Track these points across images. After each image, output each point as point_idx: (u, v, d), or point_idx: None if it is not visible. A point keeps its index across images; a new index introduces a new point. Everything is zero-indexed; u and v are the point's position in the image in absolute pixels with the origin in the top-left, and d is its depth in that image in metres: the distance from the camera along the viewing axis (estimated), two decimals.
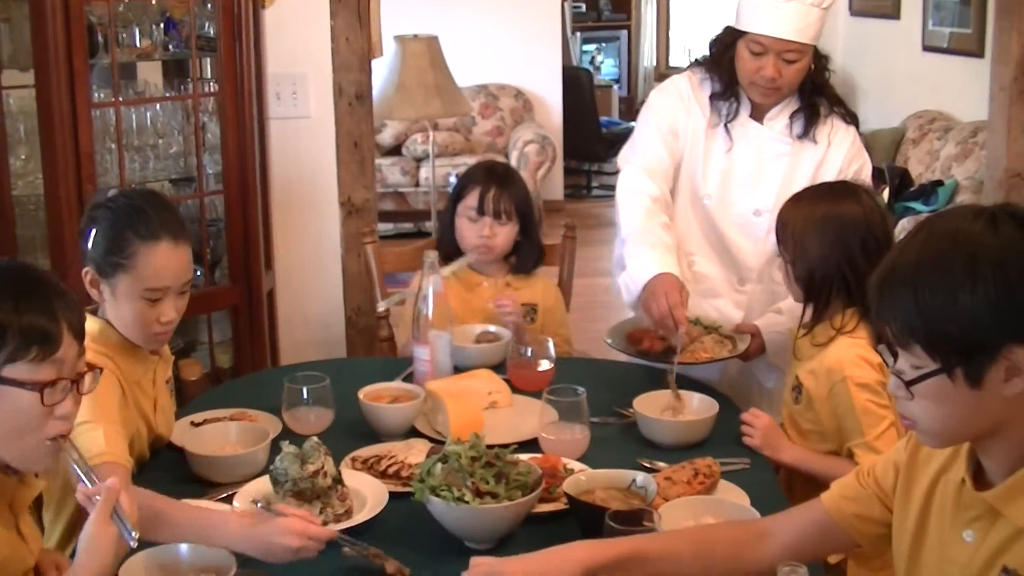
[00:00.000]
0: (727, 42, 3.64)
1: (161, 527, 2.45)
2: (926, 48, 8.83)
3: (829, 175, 3.61)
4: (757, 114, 3.69)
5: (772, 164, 3.68)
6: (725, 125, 3.69)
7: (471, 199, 3.83)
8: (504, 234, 3.85)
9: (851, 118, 3.71)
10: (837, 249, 2.94)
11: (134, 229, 2.87)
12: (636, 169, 3.76)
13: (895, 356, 1.99)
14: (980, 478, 2.04)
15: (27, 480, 2.27)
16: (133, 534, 2.14)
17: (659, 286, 3.40)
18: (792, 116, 3.67)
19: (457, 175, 4.24)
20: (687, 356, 3.39)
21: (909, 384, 1.95)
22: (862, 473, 2.31)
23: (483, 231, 3.82)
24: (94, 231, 2.92)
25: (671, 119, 3.77)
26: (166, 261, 2.90)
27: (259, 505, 2.49)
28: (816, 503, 2.34)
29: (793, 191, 3.56)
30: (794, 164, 3.67)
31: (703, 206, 3.74)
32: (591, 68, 13.66)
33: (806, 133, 3.65)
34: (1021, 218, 1.90)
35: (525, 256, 3.94)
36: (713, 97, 3.71)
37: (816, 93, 3.66)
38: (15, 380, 2.10)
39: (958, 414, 1.95)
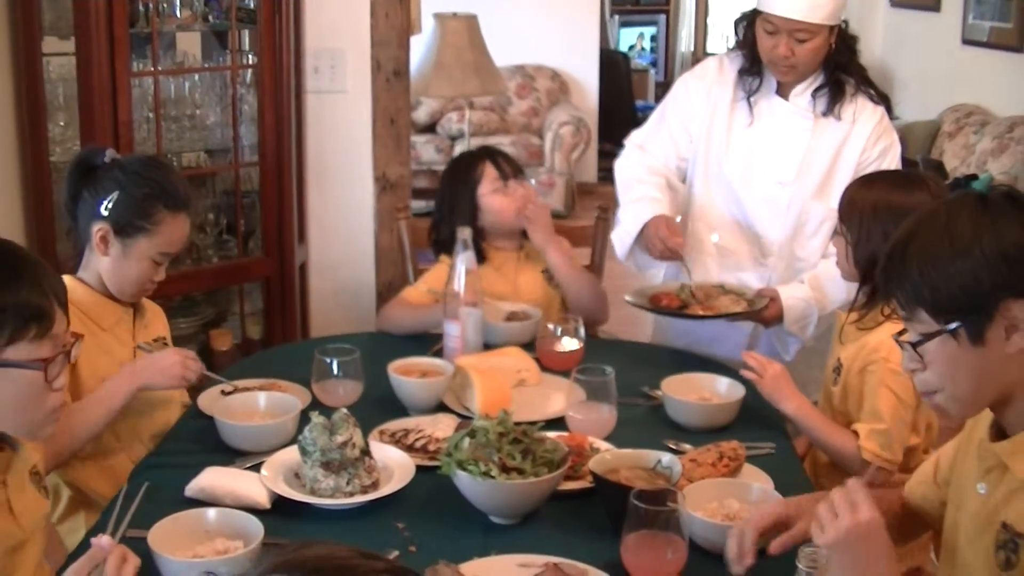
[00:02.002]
0: (750, 21, 3.72)
1: (84, 426, 2.85)
2: (965, 41, 8.79)
3: (853, 153, 3.68)
4: (783, 90, 3.74)
5: (794, 139, 3.72)
6: (748, 100, 3.76)
7: (490, 174, 3.86)
8: (529, 187, 3.92)
9: (880, 99, 3.72)
10: None
11: (164, 199, 3.07)
12: (633, 147, 3.99)
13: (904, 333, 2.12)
14: (1002, 435, 2.12)
15: (20, 453, 2.30)
16: None
17: (650, 228, 3.68)
18: (815, 92, 3.70)
19: None
20: (704, 309, 3.54)
21: (916, 346, 2.07)
22: (934, 458, 2.41)
23: (517, 192, 3.85)
24: (115, 194, 3.05)
25: (685, 104, 3.90)
26: (182, 230, 3.14)
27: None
28: (900, 489, 2.48)
29: (814, 166, 3.66)
30: (817, 140, 3.70)
31: (726, 180, 3.80)
32: (636, 53, 13.66)
33: (830, 110, 3.68)
34: (1009, 195, 2.05)
35: None
36: (741, 72, 3.78)
37: (840, 70, 3.68)
38: (18, 361, 2.13)
39: (967, 375, 2.05)
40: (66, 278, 3.03)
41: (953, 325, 2.01)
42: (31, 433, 2.28)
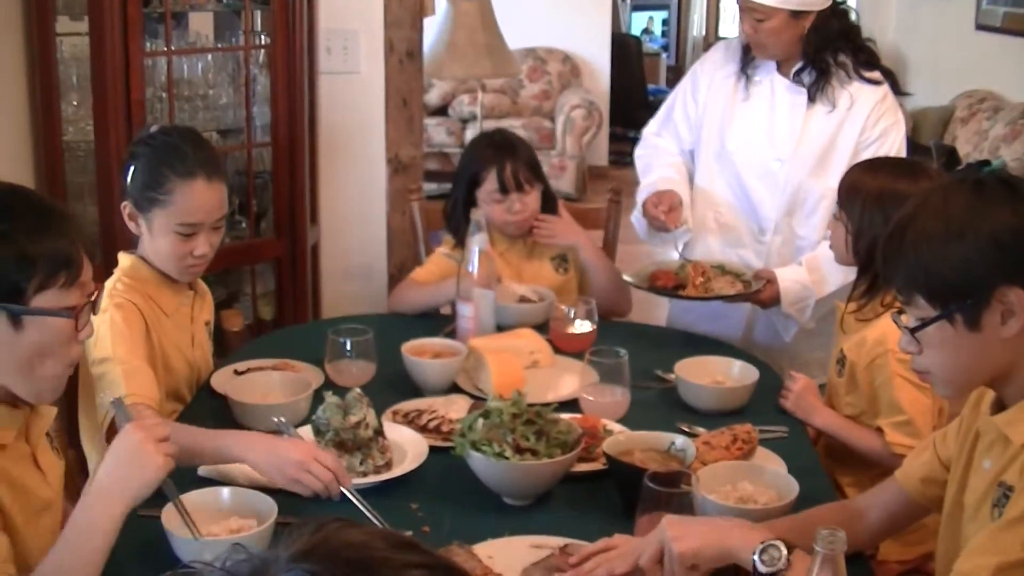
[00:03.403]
0: None
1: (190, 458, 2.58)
2: (979, 27, 8.76)
3: (852, 132, 3.68)
4: (783, 68, 3.76)
5: (789, 115, 3.74)
6: (745, 72, 3.81)
7: (490, 183, 3.78)
8: (532, 200, 3.82)
9: (885, 76, 3.73)
10: None
11: (171, 166, 2.96)
12: (649, 135, 4.10)
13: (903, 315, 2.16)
14: (1003, 409, 2.15)
15: (39, 409, 2.27)
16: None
17: (654, 195, 3.76)
18: (796, 75, 3.71)
19: None
20: (699, 291, 3.55)
21: (914, 331, 2.10)
22: (935, 438, 2.40)
23: (514, 207, 3.78)
24: (133, 167, 3.01)
25: (692, 92, 3.95)
26: (201, 197, 2.98)
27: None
28: (892, 478, 2.45)
29: (811, 145, 3.70)
30: (813, 119, 3.71)
31: (728, 156, 3.83)
32: (647, 37, 13.65)
33: (815, 90, 3.69)
34: (1006, 180, 2.08)
35: (544, 210, 3.89)
36: (744, 48, 3.82)
37: (822, 55, 3.67)
38: (49, 309, 2.11)
39: (963, 359, 2.09)
40: (129, 256, 3.03)
41: (949, 310, 2.03)
42: (40, 391, 2.21)
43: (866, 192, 2.99)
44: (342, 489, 2.50)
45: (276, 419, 2.73)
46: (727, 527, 2.14)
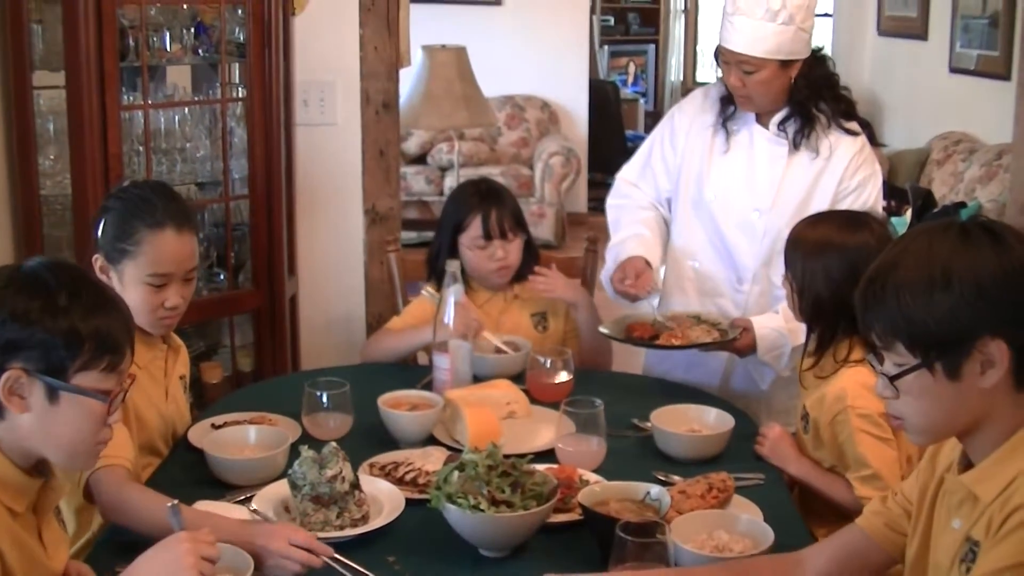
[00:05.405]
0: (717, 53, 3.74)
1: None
2: (953, 69, 8.82)
3: (830, 183, 3.68)
4: (763, 119, 3.75)
5: (769, 166, 3.73)
6: (724, 126, 3.78)
7: (474, 229, 3.81)
8: (515, 250, 3.85)
9: (861, 127, 3.75)
10: (848, 280, 2.81)
11: (140, 217, 2.99)
12: (622, 182, 4.03)
13: (881, 360, 2.12)
14: (969, 465, 2.14)
15: (52, 483, 2.27)
16: None
17: (618, 270, 3.71)
18: (782, 123, 3.70)
19: None
20: (674, 340, 3.54)
21: (893, 379, 2.08)
22: (894, 489, 2.40)
23: (496, 255, 3.81)
24: (104, 220, 3.03)
25: (669, 139, 3.92)
26: (170, 247, 3.01)
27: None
28: (850, 526, 2.44)
29: (790, 195, 3.66)
30: (793, 169, 3.70)
31: (706, 205, 3.81)
32: (624, 80, 13.72)
33: (800, 142, 3.68)
34: (989, 228, 2.05)
35: (524, 263, 3.92)
36: (721, 101, 3.79)
37: (808, 103, 3.67)
38: (88, 390, 2.15)
39: (941, 408, 2.07)
40: None
41: (930, 359, 2.02)
42: (73, 464, 2.31)
43: (806, 246, 3.01)
44: (324, 559, 2.48)
45: (251, 508, 2.70)
46: None
